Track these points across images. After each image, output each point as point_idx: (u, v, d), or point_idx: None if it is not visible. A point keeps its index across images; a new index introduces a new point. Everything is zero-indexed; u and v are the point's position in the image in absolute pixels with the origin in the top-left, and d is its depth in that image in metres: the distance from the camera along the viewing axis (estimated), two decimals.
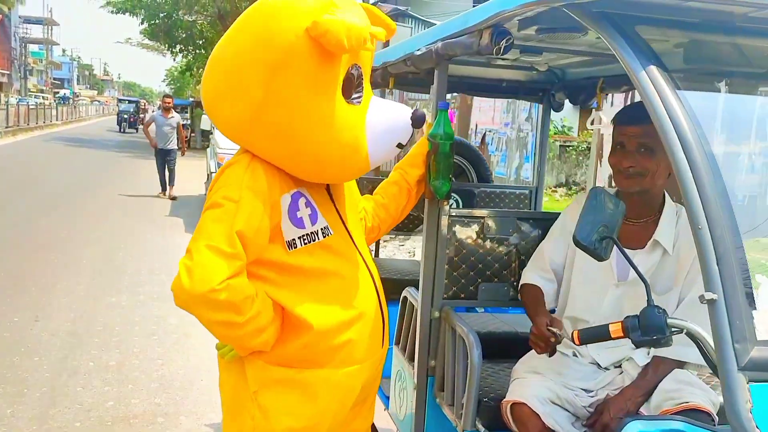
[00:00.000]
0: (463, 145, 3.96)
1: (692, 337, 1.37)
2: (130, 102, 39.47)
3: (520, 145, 10.35)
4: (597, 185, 6.65)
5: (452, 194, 3.83)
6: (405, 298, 2.54)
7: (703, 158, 1.22)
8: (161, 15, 23.77)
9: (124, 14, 23.72)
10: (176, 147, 11.70)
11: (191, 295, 1.50)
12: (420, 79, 2.98)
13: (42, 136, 27.11)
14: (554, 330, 1.88)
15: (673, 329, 1.43)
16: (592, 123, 3.24)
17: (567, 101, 3.51)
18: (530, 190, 3.79)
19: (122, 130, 34.82)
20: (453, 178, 2.17)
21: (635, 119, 1.91)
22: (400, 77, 3.16)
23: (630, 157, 1.93)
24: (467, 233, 2.34)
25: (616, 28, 1.45)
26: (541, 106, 3.61)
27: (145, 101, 49.30)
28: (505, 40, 1.85)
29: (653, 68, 1.35)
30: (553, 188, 12.49)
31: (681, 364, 1.81)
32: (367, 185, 3.71)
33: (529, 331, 1.96)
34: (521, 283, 2.24)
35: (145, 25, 23.85)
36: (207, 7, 23.56)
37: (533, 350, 2.07)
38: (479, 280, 2.35)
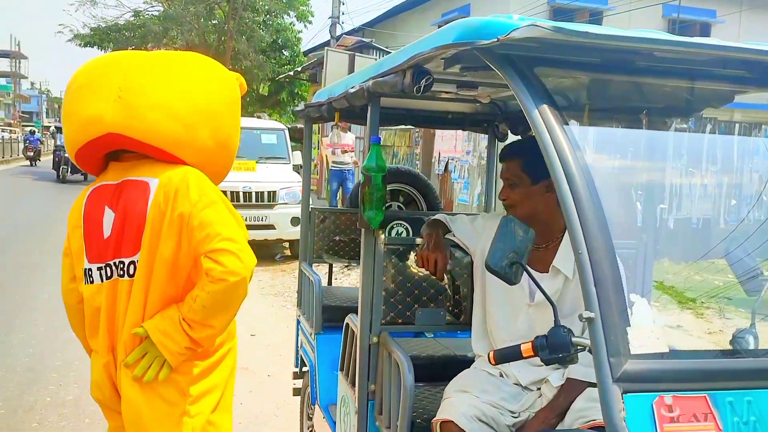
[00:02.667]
0: (412, 175, 4.09)
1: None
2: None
3: (481, 172, 10.53)
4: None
5: (402, 222, 3.98)
6: (347, 324, 2.62)
7: (585, 189, 1.34)
8: (130, 48, 23.83)
9: (92, 47, 23.78)
10: None
11: (249, 271, 1.84)
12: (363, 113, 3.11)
13: (9, 170, 26.77)
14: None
15: (577, 347, 1.54)
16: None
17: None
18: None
19: (61, 177, 21.08)
20: (401, 206, 2.30)
21: (503, 156, 2.21)
22: (345, 111, 3.29)
23: (503, 190, 2.19)
24: (403, 261, 2.45)
25: (516, 69, 1.58)
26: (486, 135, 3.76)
27: None
28: (424, 80, 1.98)
29: (545, 107, 1.48)
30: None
31: (593, 384, 1.91)
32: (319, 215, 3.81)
33: (467, 356, 2.07)
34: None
35: None
36: (175, 40, 23.72)
37: (465, 371, 2.17)
38: (416, 306, 2.44)
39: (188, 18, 22.57)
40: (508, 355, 1.70)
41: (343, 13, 20.90)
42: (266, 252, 9.76)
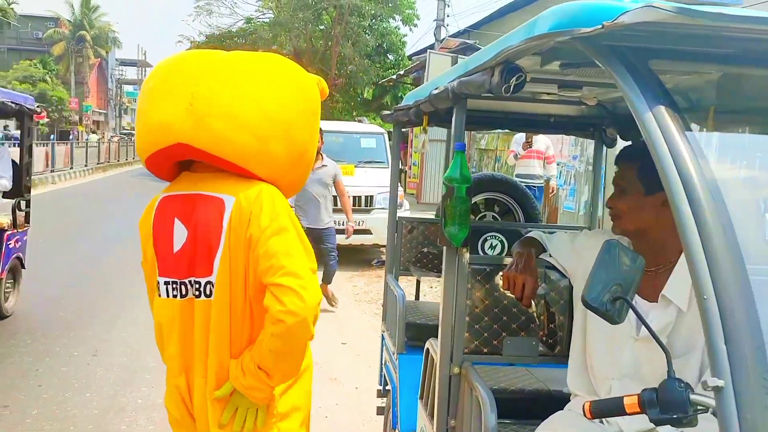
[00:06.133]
0: (509, 183, 3.80)
1: None
2: None
3: (589, 178, 9.95)
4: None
5: (496, 234, 3.68)
6: (427, 349, 2.39)
7: (713, 213, 1.04)
8: None
9: None
10: (332, 222, 6.67)
11: (310, 310, 1.67)
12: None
13: (130, 172, 28.50)
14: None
15: (697, 407, 1.23)
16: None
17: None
18: (581, 229, 3.56)
19: None
20: (496, 217, 2.04)
21: (618, 158, 1.90)
22: (435, 115, 3.05)
23: (612, 197, 1.89)
24: (490, 282, 2.18)
25: (625, 62, 1.29)
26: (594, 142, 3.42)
27: None
28: (515, 78, 1.71)
29: (661, 109, 1.19)
30: None
31: None
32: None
33: (563, 392, 1.80)
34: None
35: None
36: (284, 46, 24.37)
37: (558, 413, 1.88)
38: (504, 334, 2.17)
39: (296, 24, 23.10)
40: (607, 410, 1.41)
41: (448, 16, 20.67)
42: (362, 257, 9.68)
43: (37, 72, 47.16)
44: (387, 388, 3.45)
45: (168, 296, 1.83)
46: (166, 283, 1.83)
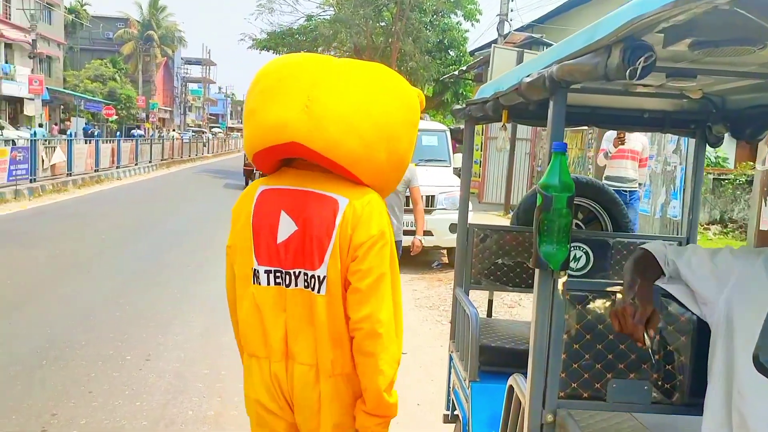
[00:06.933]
0: (595, 186, 3.37)
1: None
2: None
3: (666, 179, 9.32)
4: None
5: (580, 245, 3.27)
6: (511, 387, 2.02)
7: None
8: (302, 51, 24.74)
9: (268, 51, 25.00)
10: (400, 234, 5.59)
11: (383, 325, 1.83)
12: (538, 112, 2.48)
13: (192, 168, 29.00)
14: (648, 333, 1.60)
15: None
16: (764, 163, 2.55)
17: (727, 134, 2.86)
18: (680, 241, 3.12)
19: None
20: (579, 225, 1.66)
21: None
22: (515, 109, 2.68)
23: None
24: (593, 313, 1.79)
25: None
26: (693, 140, 2.98)
27: None
28: (643, 59, 1.33)
29: None
30: (705, 225, 11.16)
31: None
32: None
33: None
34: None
35: None
36: (344, 43, 24.23)
37: None
38: (608, 375, 1.78)
39: (357, 20, 22.93)
40: None
41: (511, 10, 20.02)
42: (423, 258, 9.32)
43: (107, 71, 48.73)
44: (455, 413, 3.10)
45: (270, 284, 1.90)
46: (268, 271, 1.90)
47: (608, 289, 1.80)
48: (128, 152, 23.88)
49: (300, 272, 1.87)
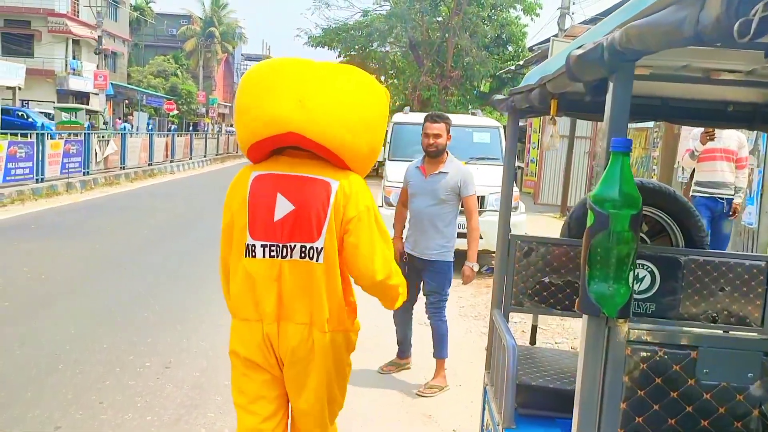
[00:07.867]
0: (664, 193, 2.82)
1: None
2: None
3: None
4: None
5: (645, 262, 2.74)
6: None
7: None
8: (356, 47, 24.46)
9: (323, 47, 24.83)
10: (447, 253, 4.63)
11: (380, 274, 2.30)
12: (597, 101, 1.98)
13: (246, 163, 29.12)
14: None
15: None
16: None
17: None
18: None
19: None
20: (644, 239, 1.20)
21: None
22: (567, 100, 2.19)
23: None
24: (662, 369, 1.31)
25: None
26: None
27: None
28: (757, 11, 0.85)
29: None
30: None
31: None
32: None
33: None
34: None
35: (342, 57, 24.62)
36: (400, 38, 23.80)
37: None
38: None
39: (413, 15, 22.48)
40: None
41: (573, 3, 19.18)
42: None
43: (170, 67, 49.72)
44: None
45: (265, 257, 2.24)
46: (264, 246, 2.23)
47: (683, 342, 1.30)
48: (182, 147, 24.09)
49: (296, 245, 2.21)
